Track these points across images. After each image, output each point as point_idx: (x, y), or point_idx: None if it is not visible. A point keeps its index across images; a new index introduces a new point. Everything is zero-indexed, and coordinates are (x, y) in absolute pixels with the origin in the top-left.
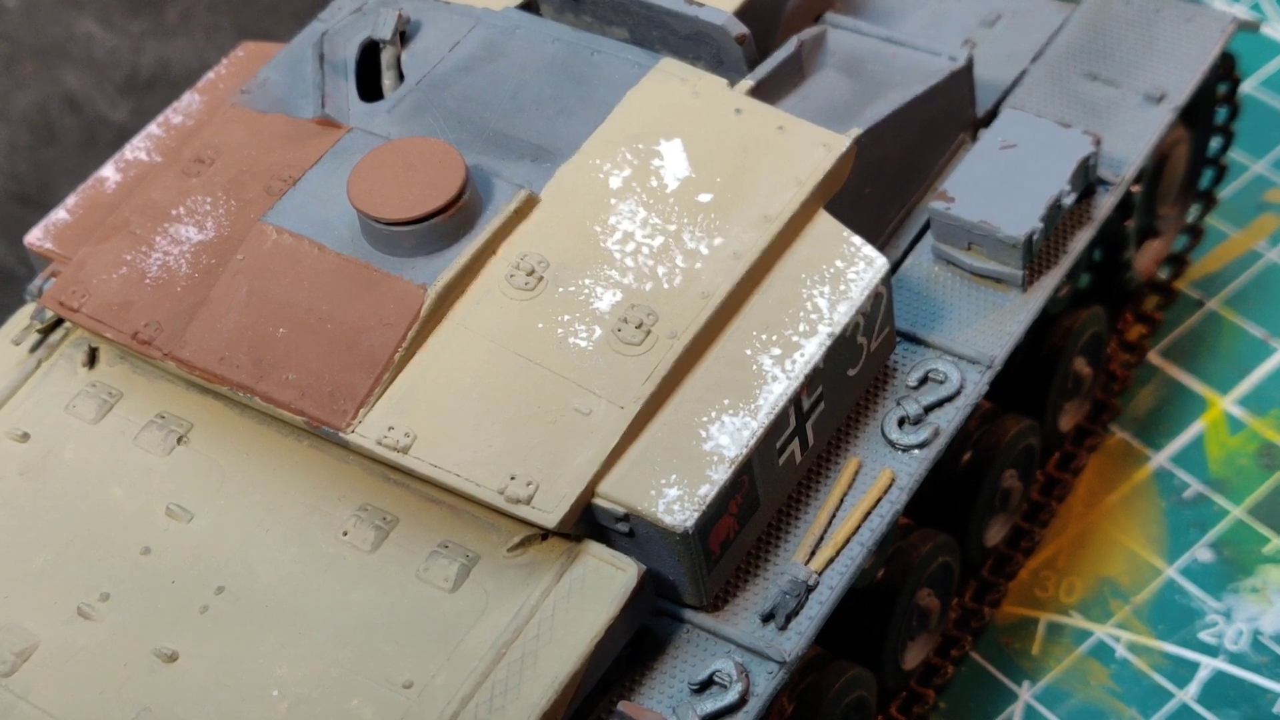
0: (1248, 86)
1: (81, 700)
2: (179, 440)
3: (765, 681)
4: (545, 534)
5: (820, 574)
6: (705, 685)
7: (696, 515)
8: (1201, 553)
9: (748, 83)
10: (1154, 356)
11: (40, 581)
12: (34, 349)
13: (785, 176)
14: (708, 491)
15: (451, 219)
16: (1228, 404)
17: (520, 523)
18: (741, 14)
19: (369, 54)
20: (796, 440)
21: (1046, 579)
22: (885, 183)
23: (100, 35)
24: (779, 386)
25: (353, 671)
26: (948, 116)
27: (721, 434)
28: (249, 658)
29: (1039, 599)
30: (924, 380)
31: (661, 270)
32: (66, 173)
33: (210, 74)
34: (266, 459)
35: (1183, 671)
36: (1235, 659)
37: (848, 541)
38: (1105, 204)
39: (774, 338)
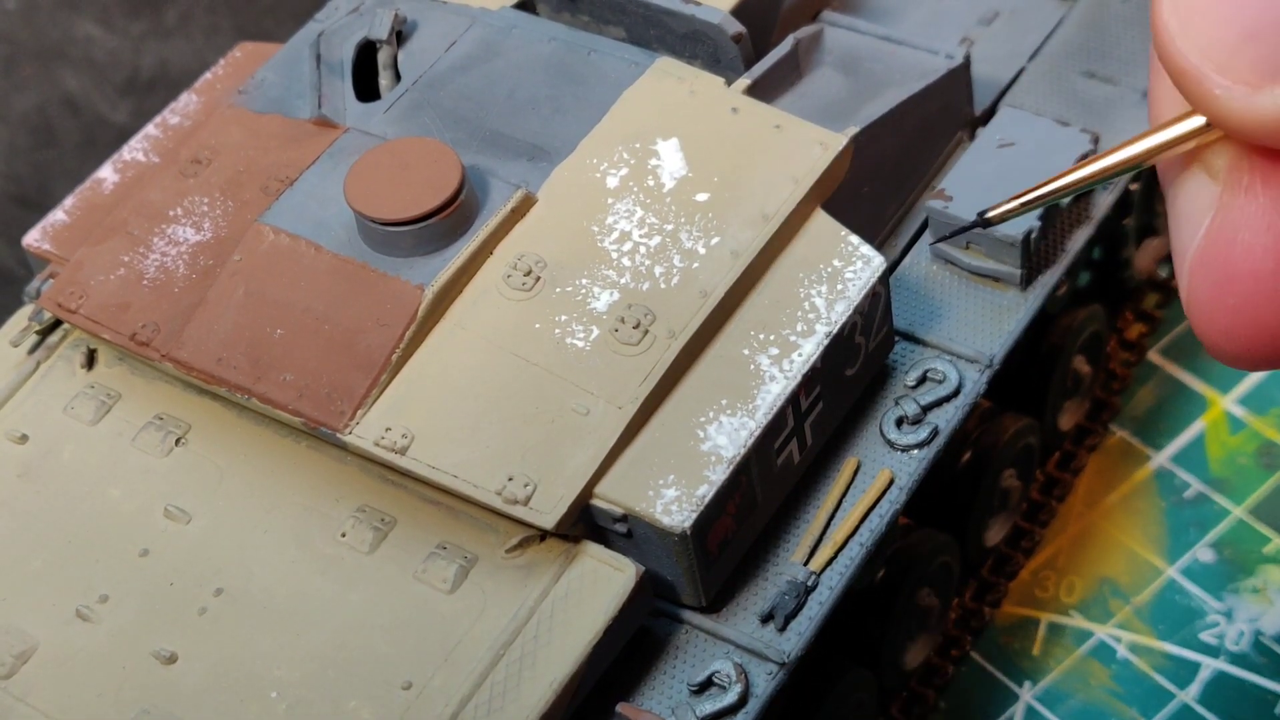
0: None
1: (80, 702)
2: (177, 441)
3: (764, 682)
4: (543, 535)
5: (819, 574)
6: (704, 686)
7: (694, 516)
8: (1202, 553)
9: (744, 81)
10: (1154, 355)
11: (39, 583)
12: (32, 350)
13: (782, 175)
14: (705, 492)
15: (448, 219)
16: (1228, 403)
17: (518, 524)
18: (738, 12)
19: (365, 54)
20: (795, 440)
21: (1047, 579)
22: (883, 181)
23: (100, 37)
24: (777, 386)
25: (351, 673)
26: (945, 114)
27: (719, 434)
28: (247, 659)
29: (1039, 599)
30: (922, 379)
31: (659, 270)
32: (65, 174)
33: (208, 74)
34: (264, 460)
35: (1184, 672)
36: (1236, 659)
37: (847, 542)
38: (1104, 202)
39: (772, 337)
